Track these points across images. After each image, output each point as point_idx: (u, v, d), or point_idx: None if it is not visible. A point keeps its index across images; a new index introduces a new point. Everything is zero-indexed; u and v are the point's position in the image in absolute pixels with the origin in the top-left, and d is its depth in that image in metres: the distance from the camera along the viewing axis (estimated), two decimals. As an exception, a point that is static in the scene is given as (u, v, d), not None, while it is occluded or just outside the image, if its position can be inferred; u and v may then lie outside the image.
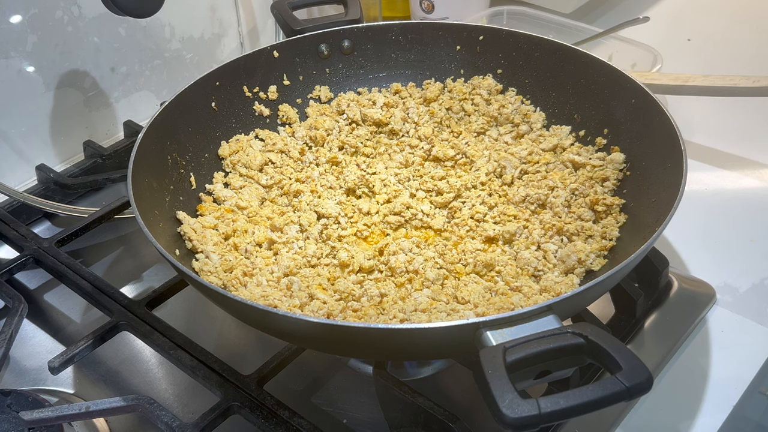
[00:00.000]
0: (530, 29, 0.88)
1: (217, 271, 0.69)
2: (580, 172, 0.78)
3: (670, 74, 0.96)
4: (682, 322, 0.73)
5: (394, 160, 0.83)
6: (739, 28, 1.24)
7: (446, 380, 0.71)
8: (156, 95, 1.06)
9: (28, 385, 0.73)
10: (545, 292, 0.66)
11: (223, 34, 1.11)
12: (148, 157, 0.73)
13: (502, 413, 0.44)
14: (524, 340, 0.49)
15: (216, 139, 0.84)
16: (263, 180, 0.81)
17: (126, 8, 0.80)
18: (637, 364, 0.46)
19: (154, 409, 0.63)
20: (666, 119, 0.70)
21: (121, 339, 0.74)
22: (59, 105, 0.96)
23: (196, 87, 0.81)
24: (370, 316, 0.64)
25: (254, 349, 0.75)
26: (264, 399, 0.65)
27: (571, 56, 0.83)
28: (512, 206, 0.76)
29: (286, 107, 0.89)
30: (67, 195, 0.95)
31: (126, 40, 0.99)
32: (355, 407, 0.68)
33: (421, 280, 0.69)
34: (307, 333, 0.58)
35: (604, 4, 1.30)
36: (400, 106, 0.89)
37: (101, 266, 0.87)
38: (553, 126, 0.85)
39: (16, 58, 0.89)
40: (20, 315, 0.73)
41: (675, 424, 0.66)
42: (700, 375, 0.70)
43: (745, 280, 0.79)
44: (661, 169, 0.69)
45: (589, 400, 0.45)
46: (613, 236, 0.70)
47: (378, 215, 0.77)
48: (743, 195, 0.91)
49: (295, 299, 0.66)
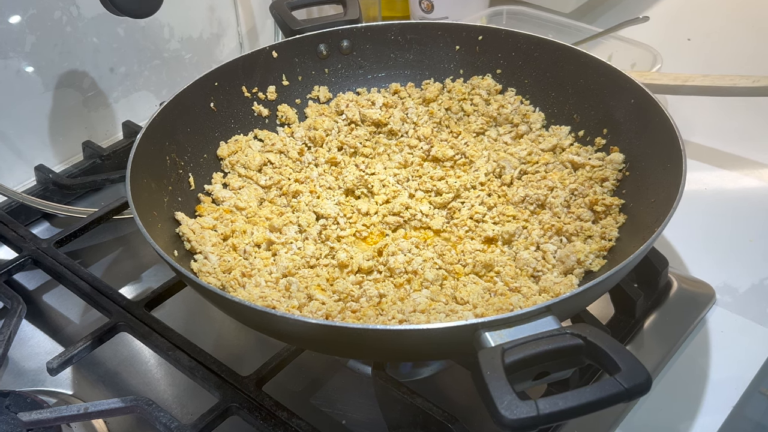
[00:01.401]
0: (530, 29, 0.88)
1: (215, 271, 0.69)
2: (579, 173, 0.78)
3: (670, 74, 0.96)
4: (681, 323, 0.73)
5: (393, 161, 0.83)
6: (739, 27, 1.23)
7: (445, 381, 0.71)
8: (155, 95, 1.06)
9: (27, 386, 0.73)
10: (544, 293, 0.66)
11: (222, 34, 1.11)
12: (147, 157, 0.73)
13: (501, 414, 0.44)
14: (523, 341, 0.48)
15: (215, 139, 0.84)
16: (262, 180, 0.81)
17: (124, 9, 0.80)
18: (636, 365, 0.46)
19: (153, 410, 0.63)
20: (665, 119, 0.70)
21: (120, 340, 0.74)
22: (58, 105, 0.95)
23: (194, 87, 0.81)
24: (369, 316, 0.64)
25: (253, 350, 0.75)
26: (263, 400, 0.64)
27: (571, 56, 0.83)
28: (511, 206, 0.76)
29: (285, 107, 0.89)
30: (65, 195, 0.95)
31: (125, 40, 0.99)
32: (354, 408, 0.68)
33: (420, 280, 0.69)
34: (305, 334, 0.58)
35: (604, 3, 1.30)
36: (399, 107, 0.89)
37: (100, 267, 0.87)
38: (553, 126, 0.85)
39: (14, 59, 0.89)
40: (19, 316, 0.73)
41: (675, 424, 0.66)
42: (700, 375, 0.69)
43: (745, 280, 0.79)
44: (660, 169, 0.69)
45: (587, 401, 0.45)
46: (612, 236, 0.70)
47: (377, 216, 0.77)
48: (743, 195, 0.91)
49: (293, 300, 0.66)
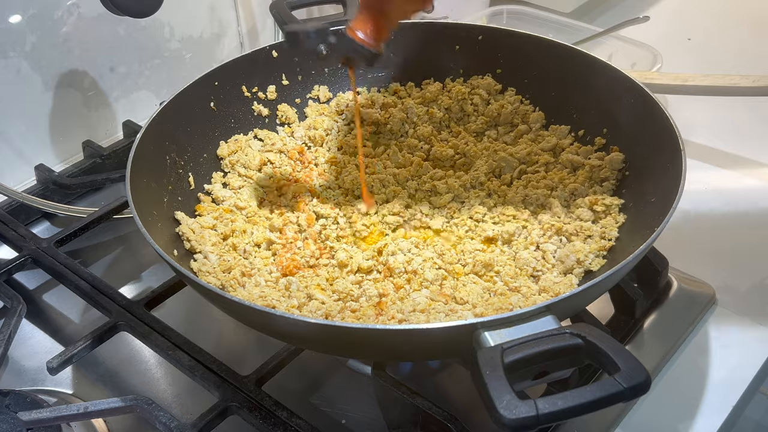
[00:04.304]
0: (530, 29, 0.88)
1: (215, 271, 0.69)
2: (579, 172, 0.78)
3: (670, 74, 0.96)
4: (681, 322, 0.73)
5: (393, 161, 0.83)
6: (739, 27, 1.23)
7: (445, 380, 0.71)
8: (155, 95, 1.06)
9: (27, 385, 0.73)
10: (544, 293, 0.66)
11: (223, 33, 1.11)
12: (147, 157, 0.73)
13: (500, 414, 0.44)
14: (522, 341, 0.48)
15: (215, 139, 0.84)
16: (262, 180, 0.81)
17: (125, 8, 0.80)
18: (636, 365, 0.46)
19: (153, 409, 0.63)
20: (666, 119, 0.70)
21: (120, 339, 0.74)
22: (58, 105, 0.95)
23: (195, 87, 0.81)
24: (369, 316, 0.64)
25: (253, 349, 0.75)
26: (262, 399, 0.64)
27: (571, 56, 0.83)
28: (511, 206, 0.76)
29: (285, 107, 0.89)
30: (66, 195, 0.94)
31: (125, 40, 0.99)
32: (354, 407, 0.68)
33: (419, 280, 0.68)
34: (305, 333, 0.58)
35: (604, 3, 1.30)
36: (399, 107, 0.89)
37: (100, 266, 0.87)
38: (552, 126, 0.85)
39: (15, 58, 0.89)
40: (19, 315, 0.73)
41: (675, 424, 0.66)
42: (700, 375, 0.69)
43: (745, 280, 0.79)
44: (660, 169, 0.69)
45: (587, 401, 0.45)
46: (612, 236, 0.70)
47: (376, 215, 0.77)
48: (743, 195, 0.91)
49: (293, 300, 0.66)
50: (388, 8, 0.67)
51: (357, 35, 0.68)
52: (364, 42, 0.68)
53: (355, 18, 0.69)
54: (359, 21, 0.68)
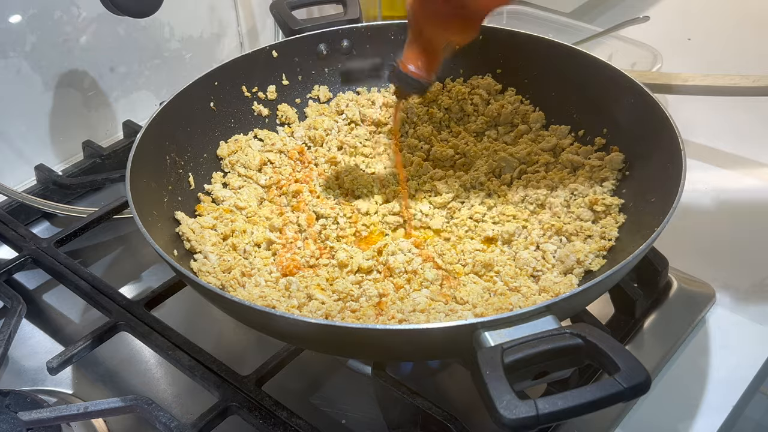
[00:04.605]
0: (530, 29, 0.87)
1: (215, 271, 0.68)
2: (579, 172, 0.78)
3: (670, 74, 0.96)
4: (681, 322, 0.73)
5: (393, 161, 0.83)
6: (739, 27, 1.23)
7: (445, 380, 0.71)
8: (155, 95, 1.06)
9: (27, 385, 0.73)
10: (544, 293, 0.66)
11: (223, 33, 1.11)
12: (147, 157, 0.73)
13: (500, 414, 0.44)
14: (522, 341, 0.48)
15: (215, 139, 0.84)
16: (262, 180, 0.81)
17: (125, 8, 0.80)
18: (636, 365, 0.46)
19: (153, 409, 0.63)
20: (666, 119, 0.70)
21: (120, 339, 0.74)
22: (58, 105, 0.95)
23: (195, 87, 0.81)
24: (369, 316, 0.64)
25: (253, 349, 0.75)
26: (262, 399, 0.64)
27: (571, 56, 0.83)
28: (511, 206, 0.76)
29: (285, 107, 0.89)
30: (66, 195, 0.95)
31: (125, 39, 0.99)
32: (354, 407, 0.68)
33: (419, 280, 0.68)
34: (305, 333, 0.58)
35: (604, 3, 1.30)
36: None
37: (100, 266, 0.87)
38: (552, 126, 0.85)
39: (15, 58, 0.89)
40: (19, 315, 0.73)
41: (675, 424, 0.66)
42: (700, 375, 0.69)
43: (745, 280, 0.79)
44: (660, 169, 0.69)
45: (586, 401, 0.45)
46: (612, 236, 0.70)
47: (377, 215, 0.77)
48: (743, 195, 0.91)
49: (293, 300, 0.66)
50: (434, 40, 0.68)
51: (409, 69, 0.69)
52: (416, 75, 0.69)
53: (404, 51, 0.70)
54: (409, 55, 0.69)
